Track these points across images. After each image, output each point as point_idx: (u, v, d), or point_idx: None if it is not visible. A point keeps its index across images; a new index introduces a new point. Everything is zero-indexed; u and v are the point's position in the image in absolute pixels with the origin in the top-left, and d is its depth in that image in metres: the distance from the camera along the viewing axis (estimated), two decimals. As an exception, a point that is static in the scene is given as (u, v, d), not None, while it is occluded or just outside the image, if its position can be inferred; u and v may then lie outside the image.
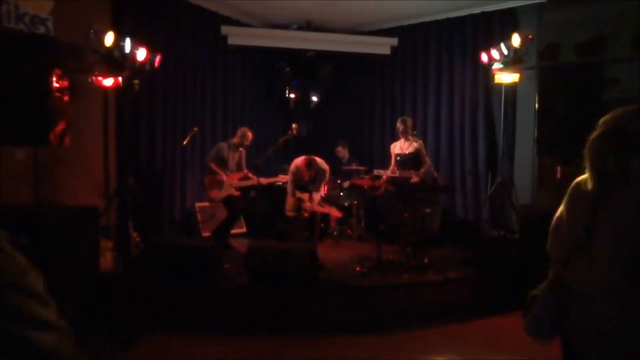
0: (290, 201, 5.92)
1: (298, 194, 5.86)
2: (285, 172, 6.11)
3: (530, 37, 5.28)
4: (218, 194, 5.75)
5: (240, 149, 5.96)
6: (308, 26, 7.35)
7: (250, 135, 5.94)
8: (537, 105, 5.41)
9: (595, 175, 1.70)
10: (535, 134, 5.66)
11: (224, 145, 5.88)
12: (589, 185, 1.72)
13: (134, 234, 5.10)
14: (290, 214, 5.88)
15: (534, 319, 1.84)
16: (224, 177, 5.76)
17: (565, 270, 1.78)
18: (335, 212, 5.91)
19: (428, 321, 4.26)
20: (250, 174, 5.97)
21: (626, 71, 5.39)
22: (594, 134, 1.74)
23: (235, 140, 5.93)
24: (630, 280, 1.62)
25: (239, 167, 5.98)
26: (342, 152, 7.07)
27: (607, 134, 1.70)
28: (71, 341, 0.74)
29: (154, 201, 5.89)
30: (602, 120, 1.75)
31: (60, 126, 4.20)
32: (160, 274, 4.40)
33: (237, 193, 5.84)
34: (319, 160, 5.89)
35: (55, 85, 4.16)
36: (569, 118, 4.98)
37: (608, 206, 1.65)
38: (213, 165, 5.74)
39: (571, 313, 1.75)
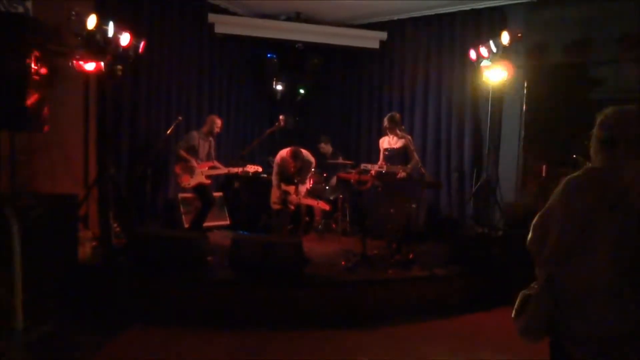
0: (275, 193, 5.84)
1: (284, 187, 5.78)
2: (257, 163, 6.08)
3: (519, 35, 5.29)
4: (189, 181, 5.67)
5: (211, 138, 5.89)
6: (297, 17, 7.25)
7: (219, 122, 5.85)
8: (524, 104, 5.44)
9: (628, 170, 1.65)
10: (522, 132, 5.70)
11: (195, 134, 5.79)
12: (620, 177, 1.66)
13: (114, 224, 4.96)
14: (275, 206, 5.80)
15: (527, 320, 1.79)
16: (195, 164, 5.67)
17: (559, 270, 1.73)
18: (323, 205, 5.85)
19: (412, 316, 4.26)
20: (218, 165, 5.91)
21: (612, 72, 5.45)
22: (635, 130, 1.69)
23: (205, 128, 5.85)
24: (632, 283, 1.58)
25: (208, 157, 5.89)
26: (325, 147, 7.03)
27: None
28: None
29: (135, 191, 5.74)
30: (618, 119, 1.72)
31: (39, 111, 4.03)
32: (141, 266, 4.28)
33: (208, 181, 5.77)
34: (304, 151, 5.82)
35: (34, 67, 3.99)
36: (555, 117, 5.01)
37: (616, 205, 1.62)
38: (183, 152, 5.64)
39: (566, 315, 1.70)
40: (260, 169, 6.09)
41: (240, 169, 5.90)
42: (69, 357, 3.29)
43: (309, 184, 6.13)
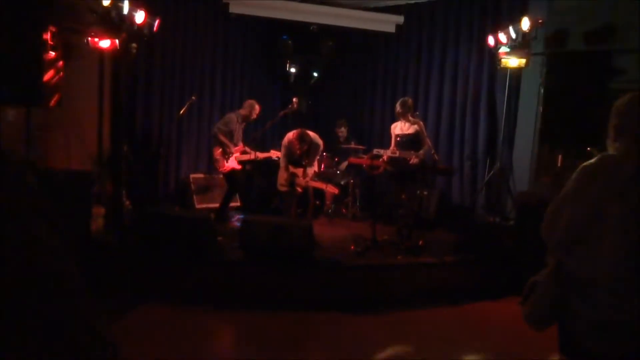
0: (283, 175, 5.81)
1: (292, 169, 5.75)
2: (277, 148, 6.02)
3: (540, 21, 5.16)
4: (224, 166, 5.64)
5: (244, 122, 5.83)
6: (312, -2, 7.14)
7: (257, 108, 5.79)
8: (542, 92, 5.32)
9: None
10: (538, 121, 5.60)
11: (233, 117, 5.71)
12: (628, 164, 1.64)
13: (127, 202, 5.01)
14: (282, 188, 5.78)
15: (533, 306, 1.80)
16: (233, 149, 5.64)
17: (568, 256, 1.73)
18: (331, 188, 5.82)
19: (421, 303, 4.27)
20: (247, 149, 5.88)
21: (634, 62, 5.30)
22: None
23: (243, 112, 5.78)
24: (638, 269, 1.58)
25: (239, 141, 5.87)
26: (343, 131, 6.99)
27: None
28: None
29: (147, 170, 5.78)
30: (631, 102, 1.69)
31: (54, 87, 4.06)
32: (152, 244, 4.33)
33: (239, 166, 5.75)
34: (312, 134, 5.76)
35: (50, 44, 4.00)
36: (573, 107, 4.91)
37: (624, 192, 1.60)
38: (223, 137, 5.57)
39: (572, 301, 1.71)
40: None
41: (267, 155, 5.87)
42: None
43: (318, 167, 6.11)
